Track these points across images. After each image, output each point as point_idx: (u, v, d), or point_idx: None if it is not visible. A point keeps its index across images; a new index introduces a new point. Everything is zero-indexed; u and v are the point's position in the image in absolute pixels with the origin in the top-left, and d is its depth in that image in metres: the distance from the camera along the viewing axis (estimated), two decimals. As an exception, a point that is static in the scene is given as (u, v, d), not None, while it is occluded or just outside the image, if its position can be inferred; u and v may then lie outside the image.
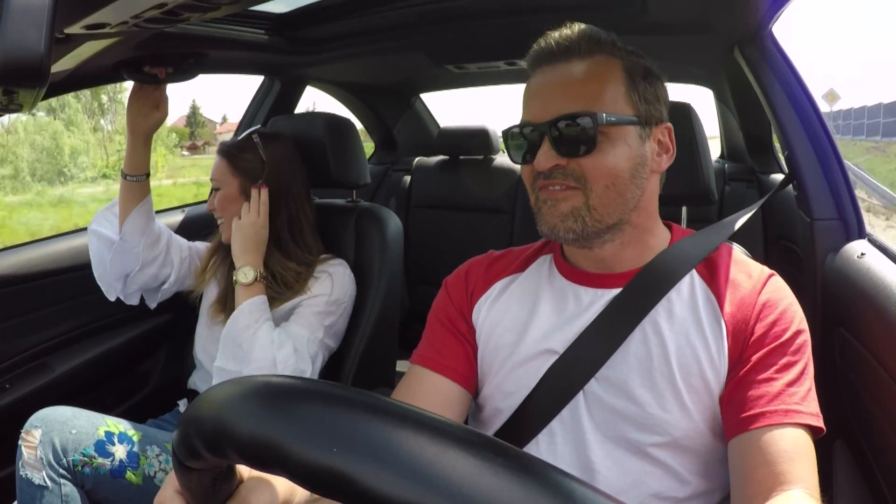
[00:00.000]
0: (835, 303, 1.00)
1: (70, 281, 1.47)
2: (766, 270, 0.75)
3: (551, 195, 0.72)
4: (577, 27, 0.75)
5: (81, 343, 1.50)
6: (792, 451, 0.64)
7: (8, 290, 1.36)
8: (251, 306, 1.18)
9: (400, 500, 0.25)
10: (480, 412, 0.82)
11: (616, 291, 0.75)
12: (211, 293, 1.34)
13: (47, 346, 1.43)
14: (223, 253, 1.34)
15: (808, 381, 0.69)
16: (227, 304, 1.28)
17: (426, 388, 0.79)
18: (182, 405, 1.36)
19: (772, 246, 1.69)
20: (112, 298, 1.33)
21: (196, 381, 1.34)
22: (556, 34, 0.75)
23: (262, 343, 1.14)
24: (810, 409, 0.66)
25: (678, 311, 0.73)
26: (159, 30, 0.89)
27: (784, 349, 0.68)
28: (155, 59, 1.21)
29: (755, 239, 1.74)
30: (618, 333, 0.72)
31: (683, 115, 0.94)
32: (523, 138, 0.74)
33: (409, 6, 1.28)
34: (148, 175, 1.31)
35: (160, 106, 1.26)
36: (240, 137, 1.34)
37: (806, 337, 0.71)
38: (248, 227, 1.23)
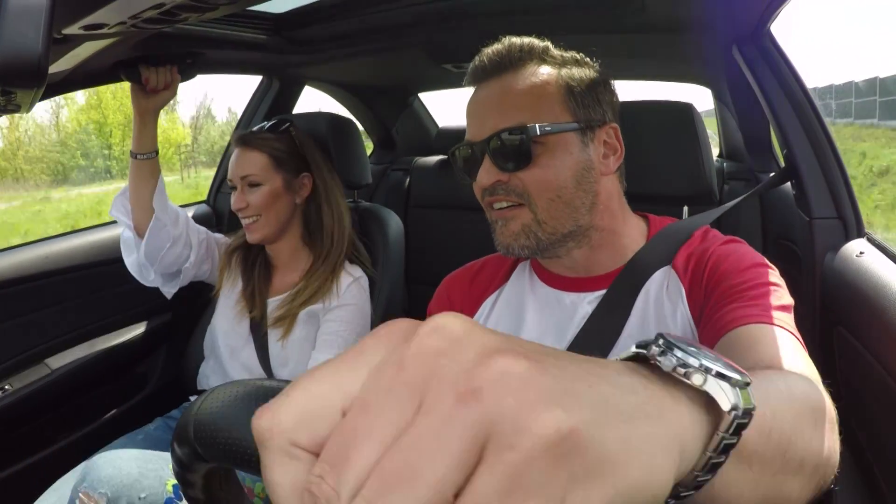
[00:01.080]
0: (834, 302, 1.00)
1: (70, 281, 1.46)
2: (733, 239, 0.75)
3: (500, 215, 0.73)
4: (508, 41, 0.75)
5: (81, 343, 1.50)
6: (773, 341, 0.56)
7: (8, 290, 1.36)
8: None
9: None
10: None
11: (599, 293, 0.75)
12: (233, 289, 1.33)
13: (47, 346, 1.43)
14: (243, 252, 1.33)
15: (778, 301, 0.63)
16: (255, 300, 1.27)
17: None
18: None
19: (770, 245, 1.69)
20: (147, 282, 1.32)
21: (207, 374, 1.33)
22: (487, 50, 0.75)
23: None
24: (785, 320, 0.60)
25: (652, 301, 0.73)
26: (157, 30, 0.89)
27: (741, 276, 0.66)
28: (153, 59, 1.20)
29: (754, 239, 1.74)
30: (609, 336, 0.72)
31: (685, 116, 0.94)
32: (466, 157, 0.75)
33: (408, 6, 1.28)
34: (157, 152, 1.29)
35: (170, 85, 1.24)
36: (261, 128, 1.31)
37: (769, 270, 0.67)
38: None
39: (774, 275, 0.68)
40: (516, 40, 0.75)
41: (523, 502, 0.18)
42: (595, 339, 0.72)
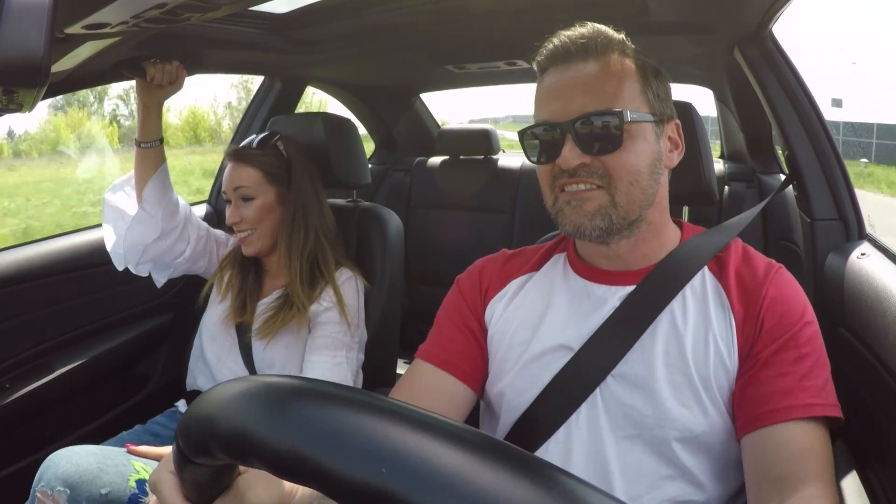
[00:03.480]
0: (835, 303, 1.00)
1: (70, 281, 1.46)
2: (774, 264, 0.76)
3: (575, 196, 0.72)
4: (591, 26, 0.75)
5: (81, 343, 1.50)
6: (805, 448, 0.63)
7: (8, 290, 1.36)
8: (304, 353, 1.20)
9: None
10: (493, 410, 0.82)
11: (630, 288, 0.75)
12: (221, 297, 1.32)
13: (47, 346, 1.43)
14: (238, 264, 1.32)
15: (823, 372, 0.69)
16: (245, 307, 1.27)
17: (430, 384, 0.79)
18: (181, 406, 1.35)
19: (772, 246, 1.69)
20: (121, 268, 1.31)
21: (198, 382, 1.33)
22: (570, 33, 0.75)
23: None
24: (827, 399, 0.66)
25: (691, 307, 0.73)
26: (160, 30, 0.89)
27: (794, 342, 0.68)
28: (155, 57, 1.20)
29: (755, 239, 1.74)
30: (633, 330, 0.72)
31: (685, 115, 0.94)
32: (542, 137, 0.74)
33: (409, 6, 1.28)
34: (162, 141, 1.29)
35: (176, 80, 1.24)
36: (251, 142, 1.30)
37: (815, 328, 0.71)
38: None
39: (817, 329, 0.72)
40: (599, 27, 0.76)
41: None
42: (617, 333, 0.73)
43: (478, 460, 0.26)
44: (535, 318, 0.79)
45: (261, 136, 1.32)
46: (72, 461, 0.96)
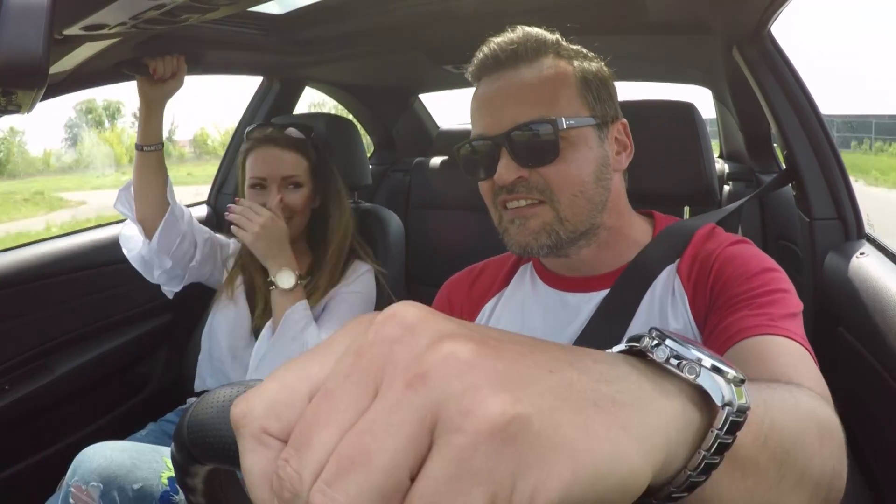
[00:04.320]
0: (834, 302, 1.00)
1: (70, 281, 1.46)
2: (737, 238, 0.73)
3: (518, 213, 0.70)
4: (521, 30, 0.72)
5: (81, 343, 1.50)
6: (782, 353, 0.55)
7: (8, 290, 1.36)
8: (296, 315, 1.15)
9: None
10: None
11: (603, 293, 0.73)
12: (235, 289, 1.31)
13: (47, 346, 1.43)
14: (253, 267, 1.30)
15: (785, 309, 0.61)
16: (258, 296, 1.27)
17: None
18: (191, 403, 1.33)
19: (771, 246, 1.69)
20: (153, 278, 1.30)
21: (205, 376, 1.31)
22: (499, 39, 0.72)
23: None
24: (793, 328, 0.59)
25: (656, 301, 0.71)
26: (158, 31, 0.89)
27: (748, 284, 0.64)
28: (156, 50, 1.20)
29: (755, 239, 1.74)
30: (612, 336, 0.70)
31: (686, 115, 0.94)
32: (478, 153, 0.71)
33: (409, 7, 1.28)
34: (162, 144, 1.28)
35: (177, 74, 1.23)
36: (283, 129, 1.29)
37: (778, 275, 0.66)
38: (274, 229, 1.17)
39: (783, 279, 0.66)
40: (530, 30, 0.72)
41: (471, 486, 0.18)
42: (598, 338, 0.71)
43: None
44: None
45: (283, 124, 1.32)
46: (105, 456, 0.96)
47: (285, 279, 1.16)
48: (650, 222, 0.80)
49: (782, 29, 1.23)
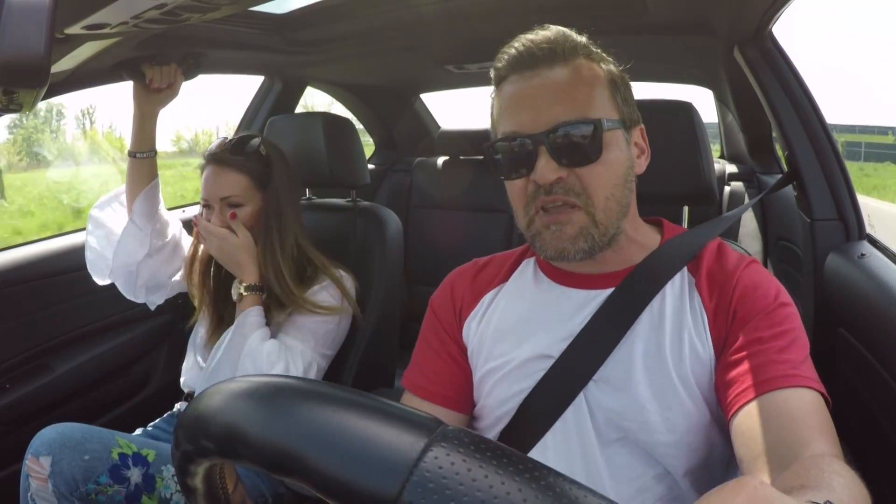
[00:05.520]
0: (835, 303, 1.00)
1: (70, 281, 1.46)
2: (745, 257, 0.74)
3: (554, 219, 0.68)
4: (556, 29, 0.71)
5: (81, 343, 1.50)
6: (797, 410, 0.58)
7: (8, 290, 1.36)
8: (247, 318, 1.14)
9: None
10: (479, 422, 0.80)
11: (607, 292, 0.73)
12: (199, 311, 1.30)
13: (47, 346, 1.43)
14: (203, 273, 1.27)
15: (803, 352, 0.65)
16: (222, 326, 1.23)
17: None
18: (179, 407, 1.34)
19: (772, 246, 1.69)
20: (100, 282, 1.28)
21: (190, 384, 1.30)
22: (533, 37, 0.71)
23: (256, 357, 1.10)
24: (808, 374, 0.62)
25: (668, 309, 0.71)
26: (159, 30, 0.89)
27: (768, 321, 0.66)
28: (154, 59, 1.20)
29: (755, 239, 1.74)
30: (613, 334, 0.70)
31: (685, 115, 0.94)
32: (513, 151, 0.70)
33: (409, 7, 1.28)
34: (155, 152, 1.26)
35: (173, 85, 1.23)
36: (225, 144, 1.23)
37: (791, 310, 0.68)
38: (240, 246, 1.17)
39: (795, 314, 0.68)
40: (564, 30, 0.71)
41: None
42: (600, 335, 0.71)
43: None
44: (512, 329, 0.76)
45: (237, 137, 1.24)
46: (58, 430, 1.03)
47: (235, 289, 1.18)
48: (658, 230, 0.81)
49: (783, 29, 1.23)
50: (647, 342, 0.70)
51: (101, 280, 1.29)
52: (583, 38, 0.72)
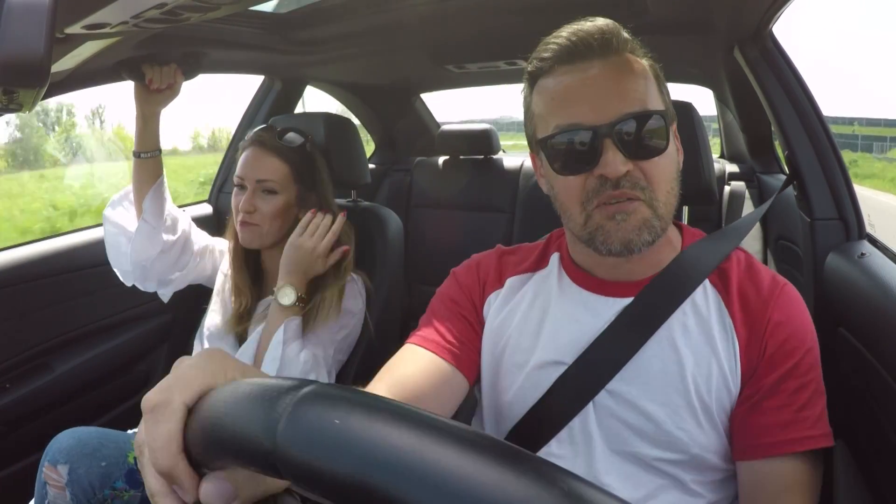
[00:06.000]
0: (835, 303, 1.00)
1: (70, 281, 1.46)
2: (779, 280, 0.72)
3: (618, 209, 0.65)
4: (603, 21, 0.69)
5: (81, 343, 1.50)
6: (796, 482, 0.65)
7: (8, 290, 1.36)
8: (288, 330, 1.11)
9: None
10: (485, 419, 0.79)
11: (626, 301, 0.71)
12: (224, 291, 1.30)
13: (47, 346, 1.43)
14: (238, 268, 1.27)
15: (821, 400, 0.68)
16: (247, 317, 1.24)
17: (424, 367, 0.72)
18: None
19: (772, 246, 1.68)
20: (129, 284, 1.30)
21: None
22: (583, 27, 0.68)
23: (292, 369, 1.10)
24: (822, 430, 0.66)
25: (692, 325, 0.69)
26: (159, 30, 0.89)
27: (797, 371, 0.66)
28: (154, 59, 1.20)
29: (755, 239, 1.74)
30: (630, 345, 0.69)
31: (685, 115, 0.94)
32: (573, 144, 0.66)
33: (409, 6, 1.28)
34: (160, 151, 1.27)
35: (173, 86, 1.23)
36: (272, 133, 1.25)
37: (816, 353, 0.69)
38: (308, 251, 1.15)
39: (817, 349, 0.70)
40: (612, 22, 0.70)
41: None
42: (616, 344, 0.69)
43: (484, 461, 0.26)
44: (532, 328, 0.75)
45: (285, 126, 1.28)
46: (75, 437, 1.03)
47: (286, 296, 1.13)
48: (679, 232, 0.79)
49: (783, 29, 1.23)
50: (667, 360, 0.68)
51: (127, 282, 1.30)
52: (628, 30, 0.71)
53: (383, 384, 0.69)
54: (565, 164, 0.67)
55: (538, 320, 0.76)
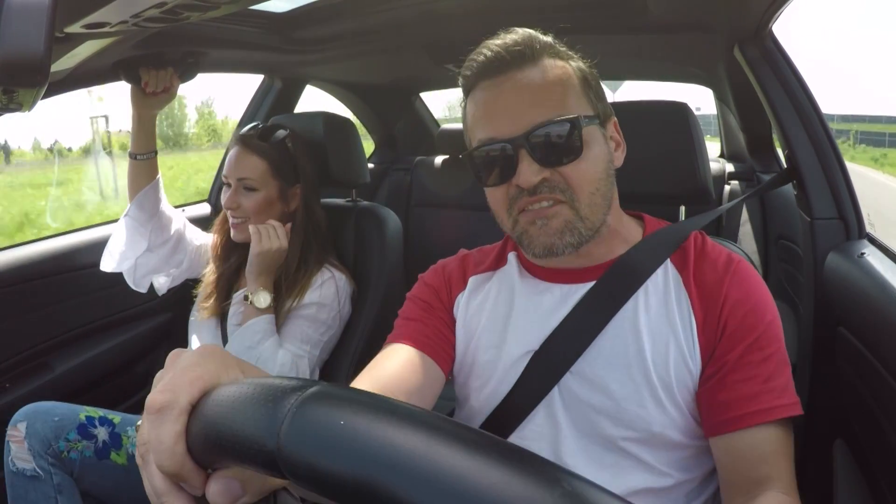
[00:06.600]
0: (835, 302, 1.00)
1: (70, 281, 1.46)
2: (733, 257, 0.74)
3: (539, 214, 0.69)
4: (522, 31, 0.72)
5: (81, 342, 1.50)
6: (769, 451, 0.66)
7: (8, 290, 1.36)
8: (258, 325, 1.16)
9: None
10: (462, 412, 0.81)
11: (588, 285, 0.74)
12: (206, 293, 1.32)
13: (47, 345, 1.43)
14: (219, 257, 1.31)
15: (786, 369, 0.68)
16: (222, 290, 1.27)
17: (401, 360, 0.74)
18: None
19: (772, 245, 1.69)
20: (119, 269, 1.32)
21: None
22: (500, 41, 0.71)
23: (268, 365, 1.12)
24: (790, 398, 0.67)
25: (653, 304, 0.72)
26: (159, 29, 0.89)
27: (758, 343, 0.67)
28: (155, 59, 1.20)
29: (756, 238, 1.74)
30: (592, 327, 0.71)
31: (680, 115, 0.94)
32: (493, 157, 0.70)
33: (409, 6, 1.28)
34: (156, 153, 1.29)
35: (169, 89, 1.24)
36: (256, 129, 1.29)
37: (777, 323, 0.70)
38: (273, 252, 1.19)
39: (778, 322, 0.70)
40: (529, 31, 0.72)
41: None
42: (580, 328, 0.71)
43: (476, 456, 0.26)
44: (500, 324, 0.77)
45: (267, 125, 1.30)
46: (31, 405, 1.18)
47: (262, 300, 1.18)
48: (640, 223, 0.81)
49: (783, 29, 1.23)
50: (627, 339, 0.70)
51: (121, 268, 1.33)
52: (549, 38, 0.72)
53: (365, 382, 0.71)
54: (489, 176, 0.71)
55: (504, 315, 0.78)
